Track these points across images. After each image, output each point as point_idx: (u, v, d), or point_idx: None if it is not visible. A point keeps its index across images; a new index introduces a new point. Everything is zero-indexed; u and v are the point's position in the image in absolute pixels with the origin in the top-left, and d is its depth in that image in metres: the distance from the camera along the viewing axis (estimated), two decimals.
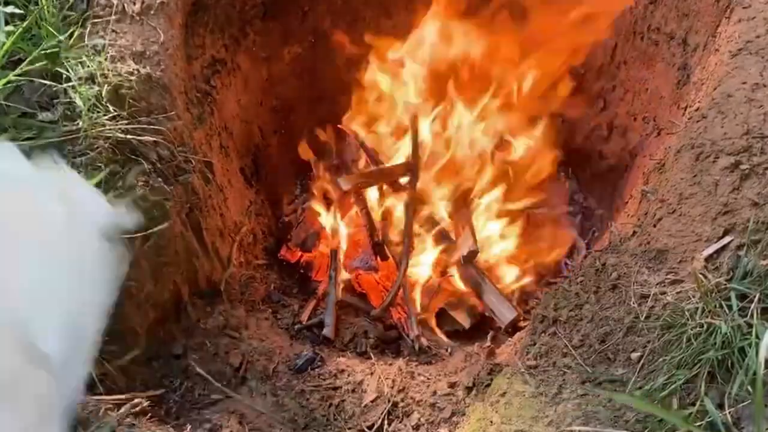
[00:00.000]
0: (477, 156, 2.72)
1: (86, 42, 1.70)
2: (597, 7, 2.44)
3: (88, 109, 1.59)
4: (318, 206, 2.82)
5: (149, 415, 1.42)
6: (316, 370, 1.94)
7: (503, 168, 2.73)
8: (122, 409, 1.36)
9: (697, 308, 1.40)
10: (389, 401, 1.82)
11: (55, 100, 1.60)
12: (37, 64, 1.58)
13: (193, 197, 1.91)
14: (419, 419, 1.80)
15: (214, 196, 2.17)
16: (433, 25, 2.70)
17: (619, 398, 1.36)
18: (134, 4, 1.82)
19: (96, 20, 1.75)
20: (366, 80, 2.79)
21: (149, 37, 1.82)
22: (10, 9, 1.63)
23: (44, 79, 1.60)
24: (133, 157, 1.65)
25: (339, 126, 2.88)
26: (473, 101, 2.72)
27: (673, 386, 1.33)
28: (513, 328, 2.23)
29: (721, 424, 1.23)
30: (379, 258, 2.61)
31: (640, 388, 1.38)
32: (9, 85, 1.54)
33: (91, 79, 1.63)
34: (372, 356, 2.10)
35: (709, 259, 1.47)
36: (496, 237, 2.65)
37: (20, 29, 1.56)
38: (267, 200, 2.80)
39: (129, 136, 1.64)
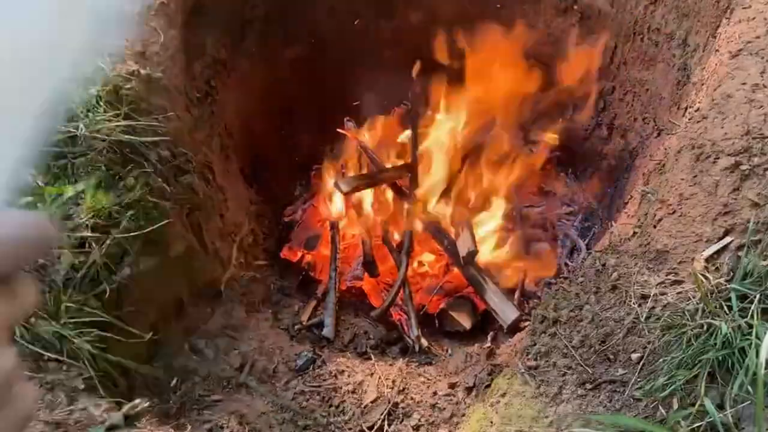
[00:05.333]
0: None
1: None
2: None
3: (88, 110, 1.59)
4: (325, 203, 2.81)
5: (149, 415, 1.42)
6: (317, 370, 1.94)
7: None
8: (122, 409, 1.36)
9: (697, 309, 1.40)
10: (389, 402, 1.82)
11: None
12: None
13: (193, 198, 1.91)
14: (419, 420, 1.80)
15: (214, 196, 2.17)
16: None
17: (615, 420, 1.36)
18: (134, 4, 1.82)
19: None
20: None
21: (149, 37, 1.82)
22: None
23: None
24: (133, 157, 1.65)
25: (339, 130, 2.89)
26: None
27: (673, 387, 1.33)
28: (513, 328, 2.23)
29: (721, 424, 1.23)
30: (368, 274, 2.60)
31: (640, 388, 1.38)
32: None
33: (90, 79, 1.63)
34: (372, 357, 2.10)
35: (709, 259, 1.47)
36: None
37: None
38: (267, 200, 2.80)
39: (129, 137, 1.64)
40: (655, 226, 1.62)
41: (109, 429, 1.25)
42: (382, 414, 1.79)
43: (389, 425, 1.77)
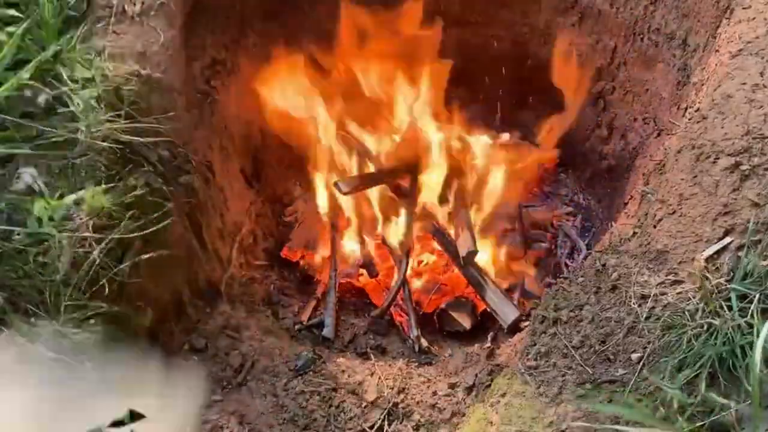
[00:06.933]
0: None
1: (87, 43, 1.70)
2: None
3: (89, 110, 1.59)
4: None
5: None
6: (317, 370, 1.94)
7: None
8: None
9: (697, 309, 1.40)
10: (389, 402, 1.82)
11: (55, 101, 1.60)
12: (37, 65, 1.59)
13: (193, 198, 1.91)
14: (419, 420, 1.80)
15: (215, 196, 2.17)
16: None
17: (613, 409, 1.36)
18: (134, 5, 1.82)
19: (96, 21, 1.75)
20: None
21: (150, 38, 1.82)
22: (11, 12, 1.63)
23: (45, 80, 1.60)
24: (133, 158, 1.65)
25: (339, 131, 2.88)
26: None
27: (673, 386, 1.33)
28: (513, 328, 2.23)
29: (722, 424, 1.23)
30: (367, 274, 2.61)
31: (640, 389, 1.39)
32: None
33: (91, 80, 1.63)
34: (372, 357, 2.10)
35: (709, 259, 1.47)
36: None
37: (21, 30, 1.57)
38: (267, 201, 2.80)
39: (129, 137, 1.64)
40: (655, 226, 1.62)
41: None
42: (382, 414, 1.79)
43: (389, 425, 1.78)
